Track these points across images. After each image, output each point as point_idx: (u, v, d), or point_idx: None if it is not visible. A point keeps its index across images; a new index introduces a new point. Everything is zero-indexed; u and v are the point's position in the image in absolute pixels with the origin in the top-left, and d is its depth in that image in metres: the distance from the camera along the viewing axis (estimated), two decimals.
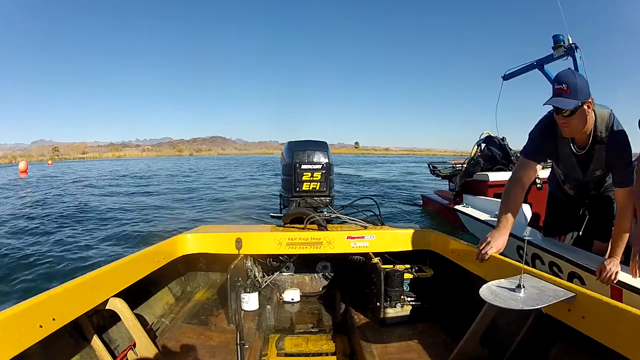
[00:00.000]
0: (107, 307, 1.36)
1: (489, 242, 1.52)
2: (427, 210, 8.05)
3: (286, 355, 1.71)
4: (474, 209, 5.22)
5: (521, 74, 5.74)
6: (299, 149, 2.37)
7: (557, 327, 1.13)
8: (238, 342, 1.52)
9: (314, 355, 1.70)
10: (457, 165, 6.50)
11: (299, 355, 1.70)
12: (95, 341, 1.32)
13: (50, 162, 45.01)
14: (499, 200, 3.95)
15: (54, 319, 1.06)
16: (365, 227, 2.14)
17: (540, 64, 5.14)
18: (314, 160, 2.34)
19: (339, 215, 2.26)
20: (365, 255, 2.08)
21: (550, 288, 1.12)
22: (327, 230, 2.07)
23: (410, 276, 1.86)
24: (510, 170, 5.21)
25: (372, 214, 2.30)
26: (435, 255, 1.95)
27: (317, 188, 2.35)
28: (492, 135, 5.73)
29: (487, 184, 5.16)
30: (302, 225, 2.17)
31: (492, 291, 1.11)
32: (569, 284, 1.12)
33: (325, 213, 2.29)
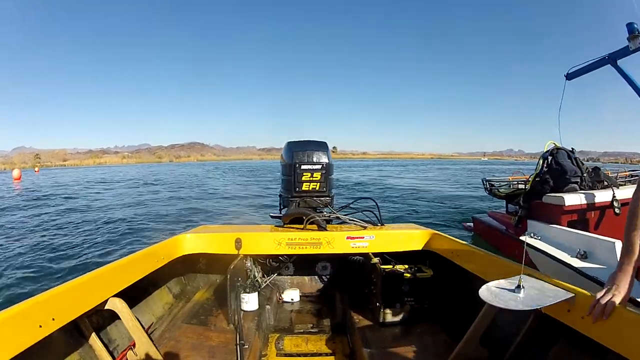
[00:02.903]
0: (106, 307, 1.36)
1: (614, 289, 1.03)
2: (479, 238, 6.49)
3: (286, 355, 1.71)
4: (544, 242, 4.04)
5: (588, 72, 4.86)
6: (298, 149, 2.37)
7: (557, 327, 1.13)
8: (238, 342, 1.52)
9: (313, 355, 1.70)
10: (516, 182, 5.37)
11: (298, 355, 1.70)
12: (95, 341, 1.32)
13: (36, 169, 46.68)
14: (577, 231, 3.01)
15: (53, 319, 1.06)
16: (365, 228, 2.14)
17: (613, 59, 4.39)
18: (314, 160, 2.33)
19: (338, 215, 2.26)
20: (365, 255, 2.08)
21: (549, 288, 1.12)
22: (327, 230, 2.07)
23: (410, 276, 1.86)
24: (584, 188, 4.37)
25: (372, 214, 2.29)
26: (435, 255, 1.95)
27: (317, 188, 2.34)
28: (558, 145, 4.76)
29: (561, 209, 4.11)
30: (301, 226, 2.17)
31: (492, 292, 1.11)
32: (568, 284, 1.12)
33: (325, 213, 2.28)
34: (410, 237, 2.03)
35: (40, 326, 1.01)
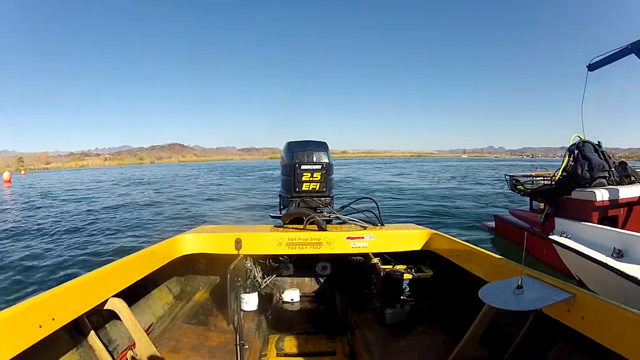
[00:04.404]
0: (106, 307, 1.36)
1: None
2: (501, 238, 6.21)
3: (286, 355, 1.71)
4: (574, 241, 3.85)
5: (611, 62, 4.83)
6: (298, 149, 2.37)
7: (556, 327, 1.13)
8: (237, 342, 1.52)
9: (313, 355, 1.70)
10: (542, 178, 5.19)
11: (298, 355, 1.70)
12: (95, 341, 1.32)
13: (23, 172, 48.70)
14: (612, 229, 2.88)
15: (53, 319, 1.06)
16: (365, 228, 2.14)
17: (636, 48, 4.32)
18: (314, 160, 2.33)
19: (338, 215, 2.26)
20: (365, 255, 2.08)
21: (549, 289, 1.12)
22: (327, 230, 2.07)
23: (410, 276, 1.86)
24: (612, 183, 4.17)
25: (372, 214, 2.29)
26: (435, 255, 1.95)
27: (317, 188, 2.34)
28: (583, 139, 4.63)
29: (592, 205, 3.92)
30: (301, 226, 2.17)
31: (492, 292, 1.11)
32: (568, 284, 1.12)
33: (325, 213, 2.28)
34: (410, 237, 2.03)
35: (40, 326, 1.01)
